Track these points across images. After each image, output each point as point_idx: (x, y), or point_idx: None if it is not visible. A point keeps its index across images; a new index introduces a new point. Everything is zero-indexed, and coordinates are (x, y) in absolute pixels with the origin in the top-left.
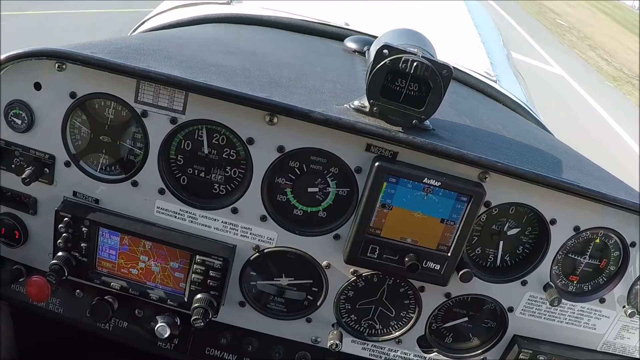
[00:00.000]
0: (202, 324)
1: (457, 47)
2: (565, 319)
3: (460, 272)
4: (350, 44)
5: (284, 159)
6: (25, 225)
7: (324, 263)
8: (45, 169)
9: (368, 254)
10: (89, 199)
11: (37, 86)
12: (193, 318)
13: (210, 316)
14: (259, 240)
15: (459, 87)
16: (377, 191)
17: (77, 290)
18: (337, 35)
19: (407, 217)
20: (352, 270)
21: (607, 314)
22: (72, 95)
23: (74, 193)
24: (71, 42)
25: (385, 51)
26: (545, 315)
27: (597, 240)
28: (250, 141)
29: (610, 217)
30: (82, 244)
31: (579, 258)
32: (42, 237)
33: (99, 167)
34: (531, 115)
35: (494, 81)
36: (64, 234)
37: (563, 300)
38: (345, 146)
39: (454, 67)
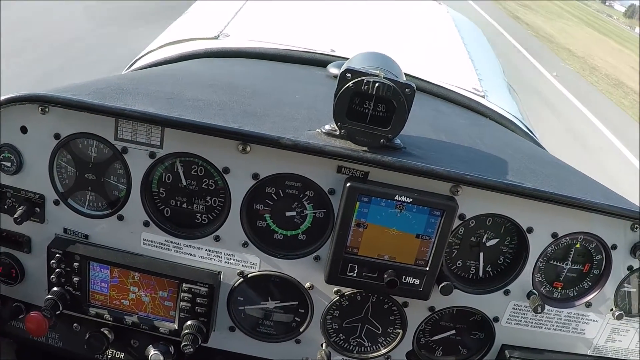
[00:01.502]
0: (192, 349)
1: (444, 66)
2: (553, 325)
3: (441, 285)
4: (332, 69)
5: (260, 185)
6: (21, 263)
7: (307, 285)
8: (36, 209)
9: (347, 273)
10: (79, 235)
11: (24, 129)
12: (182, 344)
13: (200, 342)
14: (242, 265)
15: (441, 105)
16: (351, 211)
17: (75, 324)
18: (322, 62)
19: (383, 234)
20: (335, 290)
21: (595, 318)
22: (57, 136)
23: (65, 230)
24: None
25: (348, 75)
26: (531, 323)
27: (578, 245)
28: (226, 170)
29: (588, 221)
30: (75, 278)
31: (561, 264)
32: (37, 273)
33: (87, 203)
34: (520, 128)
35: (481, 96)
36: (57, 270)
37: (549, 307)
38: (317, 170)
39: (437, 85)
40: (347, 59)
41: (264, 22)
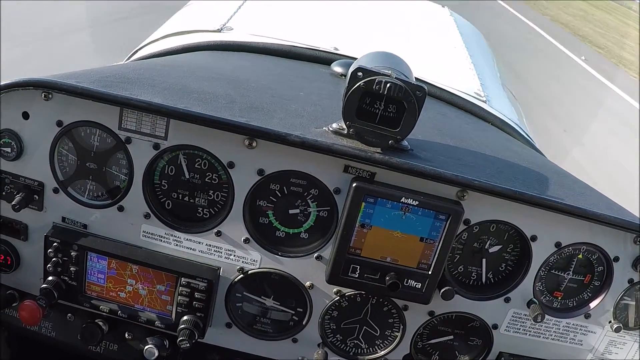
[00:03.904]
0: (188, 345)
1: (447, 69)
2: (551, 335)
3: (442, 290)
4: (336, 68)
5: (264, 181)
6: (17, 250)
7: (307, 284)
8: (35, 196)
9: (349, 274)
10: (78, 224)
11: (25, 115)
12: (179, 339)
13: (196, 337)
14: (242, 262)
15: (445, 109)
16: (356, 211)
17: (69, 314)
18: (325, 60)
19: (387, 236)
20: (335, 290)
21: (594, 330)
22: (59, 123)
23: (63, 219)
24: None
25: (360, 74)
26: (530, 331)
27: (580, 256)
28: (231, 165)
29: (592, 232)
30: (72, 268)
31: (562, 274)
32: (33, 262)
33: (87, 193)
34: (521, 134)
35: (483, 101)
36: (54, 259)
37: (548, 317)
38: (323, 168)
39: (441, 89)
40: (351, 57)
41: (267, 17)
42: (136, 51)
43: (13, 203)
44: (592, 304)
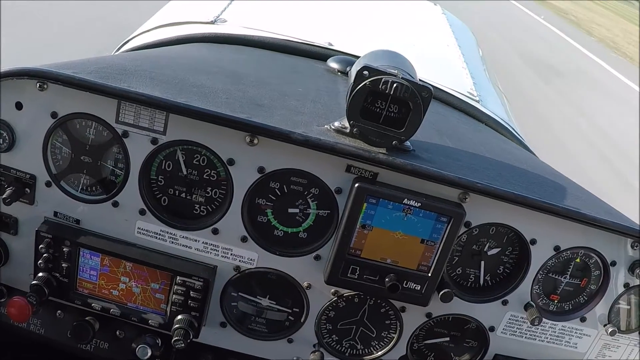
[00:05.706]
0: (183, 344)
1: (441, 68)
2: (547, 337)
3: (441, 292)
4: (333, 64)
5: (264, 179)
6: (7, 245)
7: (305, 284)
8: (27, 189)
9: (348, 275)
10: (70, 219)
11: (19, 106)
12: (174, 339)
13: (191, 337)
14: (239, 260)
15: (441, 108)
16: (357, 212)
17: (58, 311)
18: (320, 55)
19: (388, 237)
20: (332, 290)
21: (589, 333)
22: (54, 115)
23: (55, 213)
24: None
25: (366, 72)
26: (526, 334)
27: (578, 260)
28: (231, 162)
29: (590, 236)
30: (63, 265)
31: (559, 277)
32: (23, 257)
33: (80, 187)
34: (513, 135)
35: (476, 101)
36: (45, 254)
37: (544, 320)
38: (325, 167)
39: (436, 87)
40: (345, 53)
41: (261, 10)
42: (127, 41)
43: (4, 196)
44: (588, 308)
